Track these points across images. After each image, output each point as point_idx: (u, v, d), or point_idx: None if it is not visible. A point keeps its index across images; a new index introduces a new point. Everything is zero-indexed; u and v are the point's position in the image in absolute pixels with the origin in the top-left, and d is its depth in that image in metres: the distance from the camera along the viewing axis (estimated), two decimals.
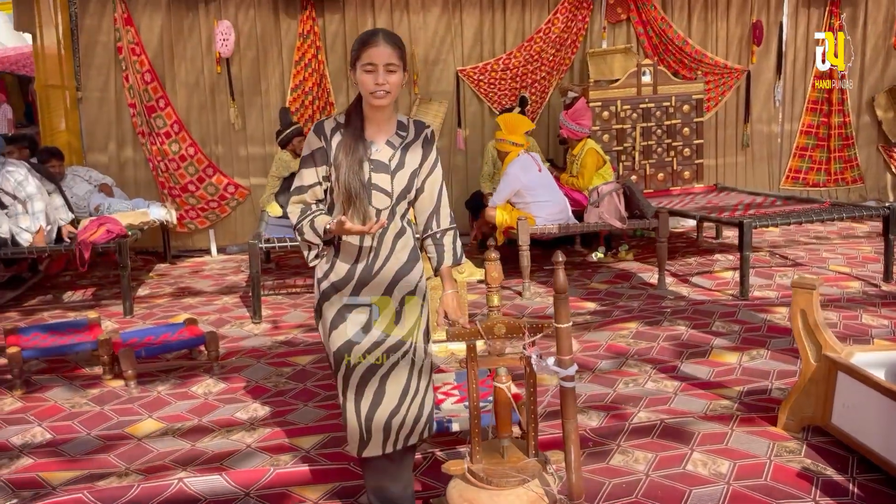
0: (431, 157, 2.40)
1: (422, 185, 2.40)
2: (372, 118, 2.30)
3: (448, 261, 2.48)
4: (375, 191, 2.29)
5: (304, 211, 2.35)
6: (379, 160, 2.30)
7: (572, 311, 4.99)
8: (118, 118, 7.01)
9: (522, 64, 7.57)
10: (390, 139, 2.33)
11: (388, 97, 2.23)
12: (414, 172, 2.34)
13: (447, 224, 2.48)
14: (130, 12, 6.81)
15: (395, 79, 2.22)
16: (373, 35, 2.23)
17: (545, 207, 5.69)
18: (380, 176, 2.29)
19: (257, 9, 7.07)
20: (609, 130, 7.02)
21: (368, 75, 2.21)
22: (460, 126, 7.60)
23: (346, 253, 2.34)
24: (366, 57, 2.20)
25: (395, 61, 2.22)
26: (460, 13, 7.47)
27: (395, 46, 2.23)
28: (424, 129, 2.40)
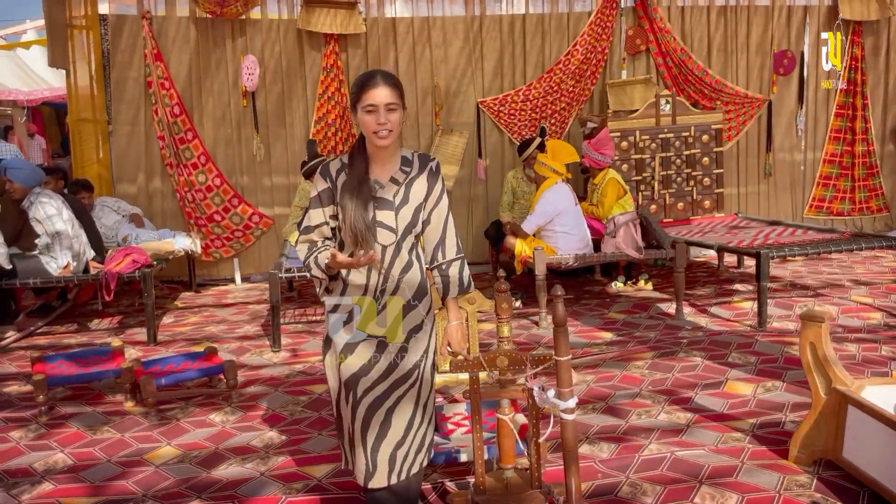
0: (437, 188, 2.44)
1: (428, 217, 2.45)
2: (376, 157, 2.37)
3: (454, 292, 2.53)
4: (380, 228, 2.35)
5: (311, 248, 2.43)
6: (383, 198, 2.36)
7: (589, 340, 5.04)
8: (147, 150, 7.21)
9: (542, 95, 7.66)
10: (394, 175, 2.39)
11: (391, 136, 2.30)
12: (419, 206, 2.39)
13: (453, 254, 2.51)
14: (160, 48, 7.04)
15: (395, 117, 2.30)
16: (371, 77, 2.31)
17: (569, 240, 5.73)
18: (384, 213, 2.36)
19: (283, 44, 7.27)
20: (628, 160, 7.06)
21: (370, 116, 2.28)
22: (481, 156, 7.69)
23: (354, 288, 2.40)
24: (366, 98, 2.27)
25: (395, 100, 2.29)
26: (481, 46, 7.60)
27: (394, 86, 2.30)
28: (429, 162, 2.45)
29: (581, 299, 6.25)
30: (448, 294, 2.53)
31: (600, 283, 6.82)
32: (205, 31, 7.14)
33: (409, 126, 7.58)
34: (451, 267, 2.51)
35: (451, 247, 2.51)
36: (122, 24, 7.03)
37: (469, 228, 7.76)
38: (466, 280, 2.55)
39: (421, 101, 7.55)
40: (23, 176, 5.28)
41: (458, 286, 2.53)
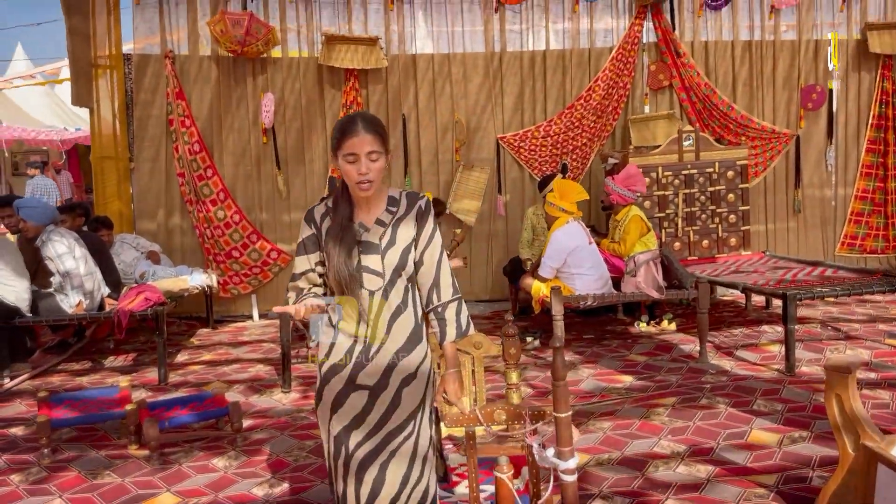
0: (428, 228, 2.34)
1: (420, 258, 2.35)
2: (360, 200, 2.29)
3: (451, 335, 2.41)
4: (366, 273, 2.26)
5: (297, 294, 2.34)
6: (368, 241, 2.28)
7: (608, 384, 4.86)
8: (167, 187, 7.25)
9: (563, 131, 7.57)
10: (380, 217, 2.30)
11: (373, 185, 2.22)
12: (407, 248, 2.30)
13: (449, 296, 2.40)
14: (182, 86, 7.11)
15: (378, 166, 2.22)
16: (352, 123, 2.20)
17: (586, 279, 5.58)
18: (370, 257, 2.27)
19: (303, 81, 7.30)
20: (650, 197, 6.91)
21: (351, 166, 2.19)
22: (500, 192, 7.60)
23: (344, 336, 2.31)
24: (347, 147, 2.18)
25: (377, 148, 2.20)
26: (501, 81, 7.56)
27: (376, 133, 2.21)
28: (418, 201, 2.35)
29: (602, 339, 6.07)
30: (445, 338, 2.41)
31: (622, 323, 6.64)
32: (226, 69, 7.20)
33: (430, 163, 7.54)
34: (448, 309, 2.40)
35: (446, 287, 2.40)
36: (145, 63, 7.12)
37: (488, 265, 7.65)
38: (465, 322, 2.43)
39: (441, 137, 7.51)
40: (35, 214, 5.31)
41: (456, 328, 2.41)
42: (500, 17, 7.55)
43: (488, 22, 7.53)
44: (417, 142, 7.48)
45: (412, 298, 2.35)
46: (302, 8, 7.29)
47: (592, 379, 5.00)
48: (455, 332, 2.41)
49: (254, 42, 6.89)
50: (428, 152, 7.51)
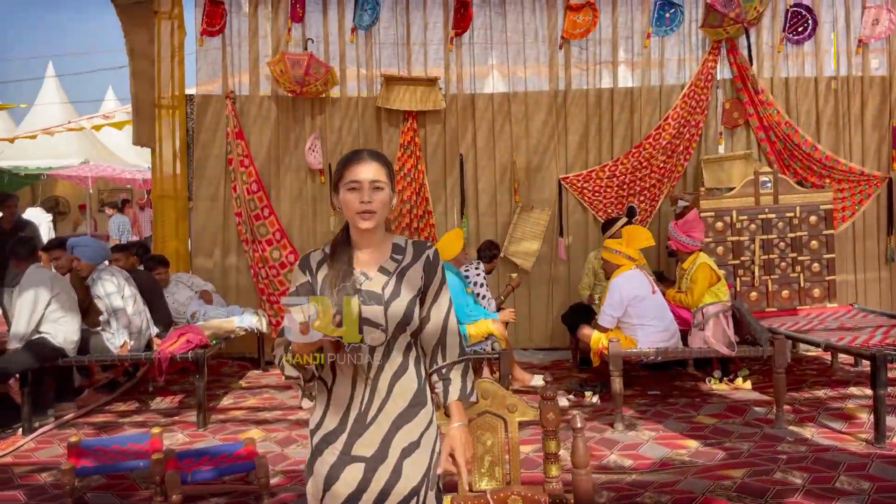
0: (436, 280, 2.13)
1: (427, 314, 2.12)
2: (361, 244, 2.08)
3: (454, 395, 2.14)
4: (367, 325, 2.01)
5: (287, 349, 2.07)
6: (370, 290, 2.04)
7: (669, 450, 4.40)
8: (225, 226, 7.23)
9: (630, 171, 7.20)
10: (384, 265, 2.08)
11: (375, 217, 2.02)
12: (413, 300, 2.06)
13: (455, 356, 2.15)
14: (242, 126, 7.12)
15: (381, 197, 2.02)
16: (356, 153, 2.06)
17: (651, 333, 5.17)
18: (371, 308, 2.02)
19: (361, 121, 7.20)
20: (724, 242, 6.44)
21: (352, 194, 2.01)
22: (562, 235, 7.26)
23: (338, 398, 2.05)
24: (349, 175, 2.02)
25: (382, 178, 2.03)
26: (565, 120, 7.27)
27: (381, 163, 2.05)
28: (426, 250, 2.13)
29: (668, 397, 5.60)
30: (448, 397, 2.14)
31: (693, 378, 6.14)
32: (285, 109, 7.18)
33: (487, 204, 7.28)
34: (453, 370, 2.15)
35: (452, 347, 2.15)
36: (207, 103, 7.18)
37: (548, 311, 7.29)
38: (469, 386, 2.18)
39: (500, 178, 7.26)
40: (88, 253, 5.30)
41: (461, 389, 2.15)
42: (565, 54, 7.29)
43: (552, 58, 7.28)
44: (475, 183, 7.25)
45: (415, 358, 2.11)
46: (362, 48, 7.23)
47: (653, 443, 4.55)
48: (458, 392, 2.15)
49: (313, 82, 6.86)
50: (486, 193, 7.26)
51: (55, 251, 5.62)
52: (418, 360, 2.11)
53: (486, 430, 2.85)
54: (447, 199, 7.24)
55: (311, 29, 7.20)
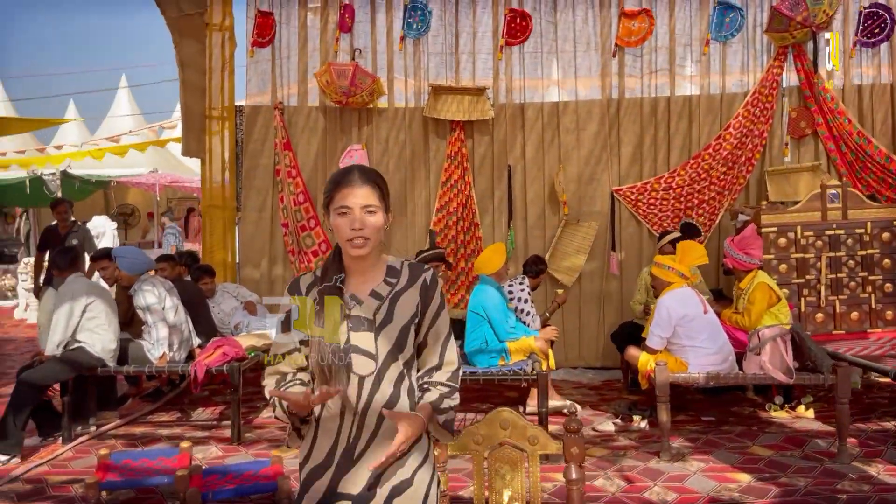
0: (434, 305, 1.98)
1: (424, 339, 1.98)
2: (353, 268, 1.96)
3: (431, 398, 1.94)
4: (357, 354, 1.88)
5: (279, 383, 1.96)
6: (360, 316, 1.91)
7: (718, 483, 4.10)
8: (272, 237, 7.22)
9: (688, 183, 6.88)
10: (376, 289, 1.95)
11: (368, 244, 1.88)
12: (406, 326, 1.92)
13: (444, 379, 1.98)
14: (290, 137, 7.11)
15: (374, 221, 1.88)
16: (346, 174, 1.91)
17: (703, 356, 4.86)
18: (361, 335, 1.90)
19: (408, 132, 7.10)
20: (787, 260, 6.04)
21: (343, 219, 1.87)
22: (614, 249, 6.97)
23: (325, 430, 1.91)
24: (339, 199, 1.88)
25: (375, 202, 1.89)
26: (618, 130, 7.00)
27: (374, 185, 1.90)
28: (422, 274, 1.98)
29: (722, 424, 5.26)
30: (424, 400, 1.95)
31: (751, 403, 5.77)
32: (333, 120, 7.15)
33: (536, 217, 7.05)
34: (439, 386, 1.97)
35: (447, 372, 2.00)
36: (256, 114, 7.20)
37: (599, 328, 7.01)
38: (451, 413, 1.98)
39: (549, 190, 7.02)
40: (126, 263, 5.33)
41: (435, 400, 1.95)
42: (619, 62, 7.03)
43: (605, 67, 7.03)
44: (524, 195, 7.04)
45: (408, 388, 1.95)
46: (410, 58, 7.14)
47: (701, 475, 4.25)
48: (437, 399, 1.94)
49: (359, 92, 6.79)
50: (535, 206, 7.04)
51: (102, 261, 5.69)
52: (412, 392, 1.95)
53: (504, 462, 2.66)
54: (494, 211, 7.05)
55: (360, 39, 7.15)
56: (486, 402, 6.00)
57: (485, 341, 5.25)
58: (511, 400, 5.98)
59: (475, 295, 5.42)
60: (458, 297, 6.98)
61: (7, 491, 4.19)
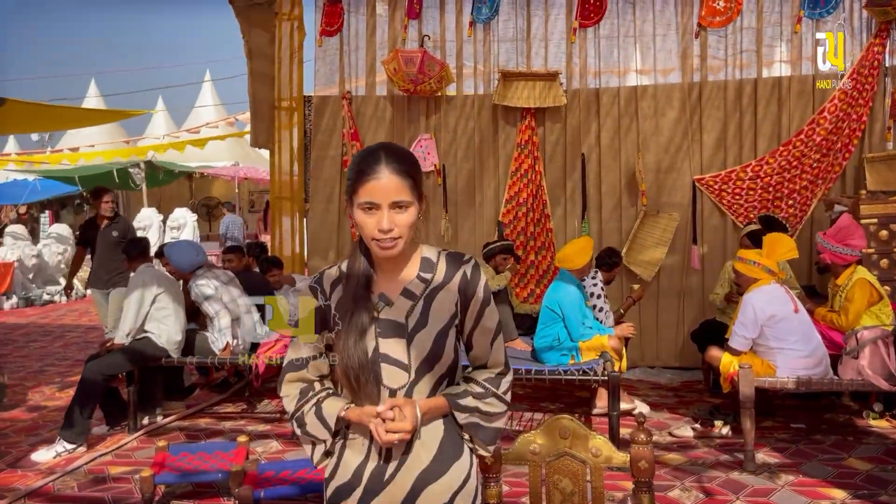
0: (477, 300, 1.72)
1: (468, 340, 1.75)
2: (383, 262, 1.71)
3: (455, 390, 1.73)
4: (387, 364, 1.67)
5: (306, 393, 1.75)
6: (390, 320, 1.69)
7: (808, 500, 3.73)
8: (339, 228, 7.14)
9: (777, 171, 6.40)
10: (409, 287, 1.71)
11: (399, 244, 1.63)
12: (444, 330, 1.69)
13: (482, 379, 1.76)
14: (358, 127, 7.00)
15: (406, 219, 1.62)
16: (371, 160, 1.61)
17: (792, 359, 4.47)
18: (391, 342, 1.68)
19: (477, 120, 6.87)
20: (889, 254, 5.52)
21: (369, 217, 1.61)
22: (696, 242, 6.56)
23: (354, 446, 1.72)
24: (364, 193, 1.60)
25: (406, 197, 1.61)
26: (700, 116, 6.57)
27: (405, 174, 1.61)
28: (461, 266, 1.73)
29: (814, 432, 4.84)
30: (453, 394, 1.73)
31: (847, 410, 5.30)
32: (400, 109, 6.99)
33: (612, 208, 6.70)
34: (466, 386, 1.75)
35: (487, 373, 1.77)
36: (324, 104, 7.12)
37: (679, 326, 6.62)
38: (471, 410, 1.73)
39: (626, 179, 6.66)
40: (174, 258, 5.36)
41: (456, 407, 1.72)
42: (702, 44, 6.59)
43: (686, 49, 6.60)
44: (598, 185, 6.70)
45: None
46: (480, 44, 6.90)
47: (789, 490, 3.88)
48: (459, 394, 1.72)
49: (427, 80, 6.61)
50: (610, 196, 6.70)
51: (162, 258, 5.73)
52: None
53: (564, 475, 2.43)
54: (567, 202, 6.74)
55: (428, 25, 6.96)
56: (556, 402, 5.73)
57: (557, 339, 4.98)
58: (582, 400, 5.70)
59: (553, 290, 5.14)
60: (528, 292, 6.72)
61: (70, 480, 4.21)
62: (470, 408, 1.72)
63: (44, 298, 12.44)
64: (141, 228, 12.69)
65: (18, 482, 4.20)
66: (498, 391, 1.75)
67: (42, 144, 22.24)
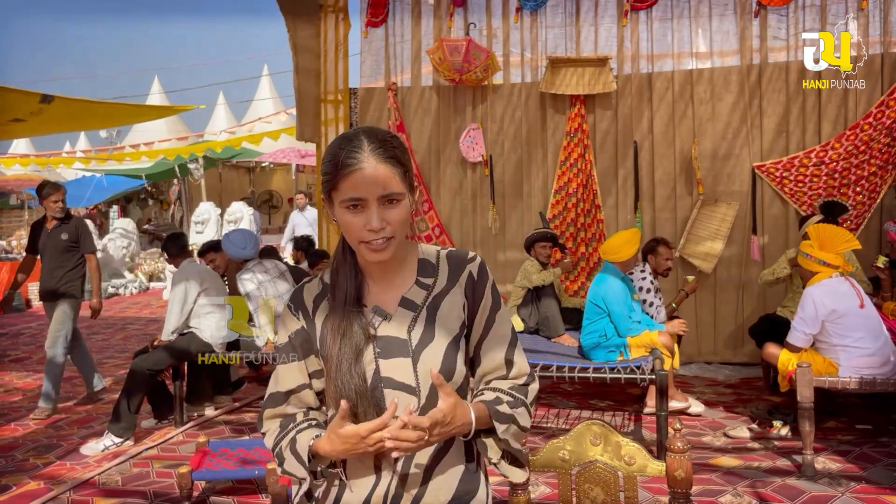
0: (486, 303, 1.51)
1: (476, 353, 1.53)
2: (373, 269, 1.49)
3: (488, 397, 1.49)
4: (390, 389, 1.45)
5: (285, 426, 1.51)
6: (390, 337, 1.46)
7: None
8: None
9: (843, 157, 6.04)
10: (407, 295, 1.48)
11: (391, 245, 1.40)
12: (454, 343, 1.46)
13: (507, 388, 1.52)
14: (403, 119, 6.92)
15: (398, 215, 1.39)
16: (352, 148, 1.36)
17: (856, 357, 4.19)
18: (394, 363, 1.45)
19: (524, 109, 6.70)
20: None
21: (354, 216, 1.38)
22: (755, 232, 6.26)
23: (358, 487, 1.48)
24: (346, 188, 1.36)
25: (397, 188, 1.38)
26: (760, 100, 6.25)
27: (394, 161, 1.38)
28: (466, 266, 1.51)
29: (881, 434, 4.54)
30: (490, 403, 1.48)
31: None
32: (446, 99, 6.88)
33: (666, 197, 6.44)
34: (493, 393, 1.51)
35: (511, 383, 1.54)
36: (370, 96, 7.07)
37: (737, 319, 6.33)
38: (509, 419, 1.47)
39: (680, 167, 6.40)
40: (226, 246, 5.44)
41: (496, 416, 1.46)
42: (761, 24, 6.26)
43: (745, 30, 6.28)
44: (651, 173, 6.45)
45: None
46: (527, 31, 6.72)
47: (850, 497, 3.64)
48: (494, 401, 1.47)
49: (472, 69, 6.47)
50: (664, 185, 6.44)
51: (209, 254, 5.76)
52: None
53: (595, 483, 2.30)
54: (618, 192, 6.52)
55: (474, 13, 6.82)
56: (605, 399, 5.55)
57: (603, 334, 4.80)
58: (633, 397, 5.50)
59: (596, 284, 4.97)
60: (578, 286, 6.53)
61: (115, 473, 4.27)
62: (508, 416, 1.47)
63: (108, 291, 12.81)
64: (200, 222, 12.93)
65: (67, 474, 4.28)
66: (527, 400, 1.52)
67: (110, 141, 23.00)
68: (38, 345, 7.79)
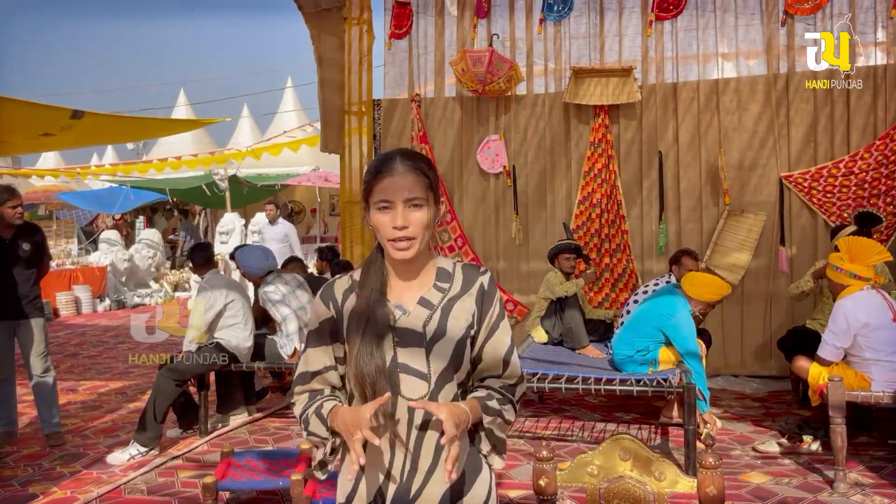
0: (493, 313, 1.70)
1: (479, 354, 1.70)
2: (397, 270, 1.69)
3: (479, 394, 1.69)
4: (405, 374, 1.63)
5: (314, 396, 1.71)
6: (408, 328, 1.64)
7: None
8: None
9: (873, 167, 5.97)
10: (425, 296, 1.67)
11: (414, 245, 1.61)
12: (462, 341, 1.65)
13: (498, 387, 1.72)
14: (427, 130, 6.94)
15: (420, 217, 1.60)
16: (387, 160, 1.63)
17: (891, 370, 4.12)
18: (409, 351, 1.63)
19: (548, 119, 6.69)
20: None
21: (384, 215, 1.61)
22: (783, 244, 6.18)
23: (373, 464, 1.62)
24: (378, 191, 1.61)
25: (420, 193, 1.60)
26: (787, 109, 6.19)
27: (420, 172, 1.62)
28: (478, 277, 1.71)
29: None
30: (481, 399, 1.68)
31: None
32: (469, 110, 6.90)
33: (691, 208, 6.39)
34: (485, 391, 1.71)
35: (502, 382, 1.72)
36: (393, 107, 7.10)
37: (765, 332, 6.25)
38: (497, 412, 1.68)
39: (706, 178, 6.35)
40: (244, 262, 5.44)
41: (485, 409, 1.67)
42: (788, 32, 6.21)
43: (772, 38, 6.24)
44: (676, 184, 6.41)
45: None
46: (550, 41, 6.72)
47: None
48: (485, 397, 1.68)
49: (495, 79, 6.47)
50: (689, 196, 6.39)
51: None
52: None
53: (624, 499, 2.27)
54: (643, 202, 6.48)
55: (497, 24, 6.84)
56: (630, 411, 5.49)
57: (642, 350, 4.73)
58: (657, 409, 5.43)
59: (666, 305, 4.77)
60: (602, 297, 6.49)
61: (140, 483, 4.29)
62: (495, 410, 1.68)
63: (134, 301, 12.96)
64: (224, 233, 13.03)
65: (92, 483, 4.30)
66: (514, 399, 1.72)
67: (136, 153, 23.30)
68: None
